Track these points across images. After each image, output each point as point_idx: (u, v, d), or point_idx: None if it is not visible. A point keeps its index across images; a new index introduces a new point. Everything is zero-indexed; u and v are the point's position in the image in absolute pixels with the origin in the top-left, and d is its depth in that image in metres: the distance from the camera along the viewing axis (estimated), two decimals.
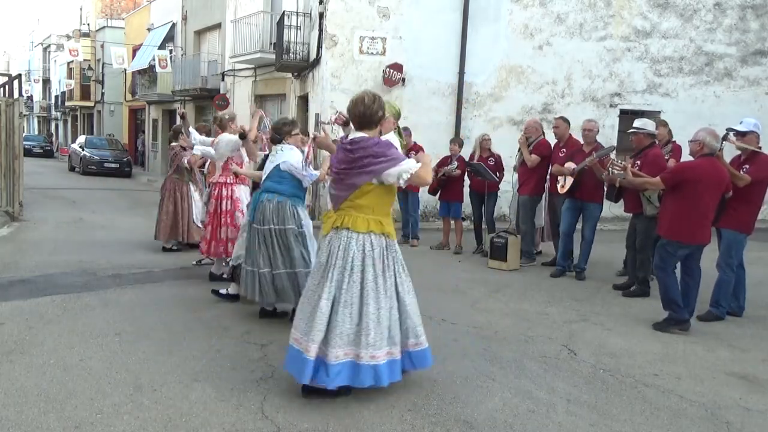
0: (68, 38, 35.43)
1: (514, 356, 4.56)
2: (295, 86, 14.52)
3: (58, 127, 46.89)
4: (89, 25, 36.43)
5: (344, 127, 4.94)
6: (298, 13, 13.45)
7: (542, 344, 4.88)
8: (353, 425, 3.36)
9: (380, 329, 3.54)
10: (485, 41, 12.12)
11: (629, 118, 11.09)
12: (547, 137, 8.18)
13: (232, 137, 6.27)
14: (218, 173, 6.50)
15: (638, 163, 6.44)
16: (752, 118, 6.11)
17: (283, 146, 5.02)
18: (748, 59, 13.49)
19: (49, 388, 3.66)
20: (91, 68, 33.86)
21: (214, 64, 20.24)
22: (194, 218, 8.12)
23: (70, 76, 37.14)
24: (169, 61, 22.10)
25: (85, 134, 31.59)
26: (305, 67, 13.27)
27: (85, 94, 36.36)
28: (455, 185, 8.83)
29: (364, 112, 3.61)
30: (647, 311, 5.64)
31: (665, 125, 7.76)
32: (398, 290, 3.69)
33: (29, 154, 26.84)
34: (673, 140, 7.79)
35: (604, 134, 11.37)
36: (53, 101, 45.16)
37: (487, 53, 12.16)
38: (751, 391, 4.12)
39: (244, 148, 6.23)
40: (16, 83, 11.78)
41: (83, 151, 23.98)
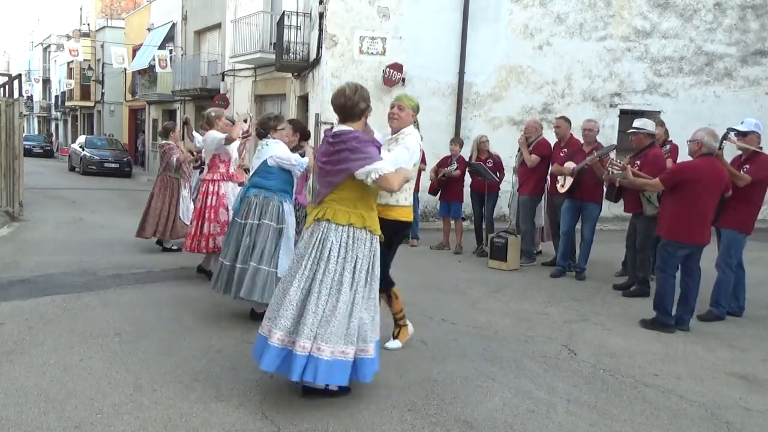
0: (68, 38, 35.45)
1: (514, 356, 4.56)
2: (295, 86, 14.53)
3: (58, 127, 46.89)
4: (89, 25, 36.45)
5: None
6: (298, 13, 13.45)
7: (542, 344, 4.88)
8: (353, 425, 3.36)
9: (339, 323, 3.40)
10: (485, 41, 12.12)
11: (629, 118, 11.09)
12: (547, 137, 8.18)
13: (217, 135, 6.31)
14: (206, 170, 6.57)
15: (638, 163, 6.45)
16: (753, 118, 6.12)
17: (268, 141, 5.03)
18: (748, 59, 13.49)
19: (49, 388, 3.66)
20: (91, 68, 33.87)
21: (214, 64, 20.25)
22: (180, 215, 8.12)
23: (70, 76, 37.15)
24: (169, 61, 22.11)
25: (85, 134, 31.60)
26: (305, 67, 13.27)
27: (85, 94, 36.38)
28: (455, 185, 8.83)
29: (344, 103, 3.55)
30: (647, 311, 5.64)
31: (662, 125, 7.76)
32: (356, 287, 3.51)
33: (29, 154, 26.85)
34: (669, 140, 7.80)
35: (604, 134, 11.37)
36: (53, 101, 45.18)
37: (487, 53, 12.17)
38: (751, 391, 4.12)
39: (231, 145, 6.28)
40: (16, 83, 11.76)
41: (83, 151, 23.98)
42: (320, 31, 11.86)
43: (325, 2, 11.62)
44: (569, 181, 7.25)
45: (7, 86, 12.06)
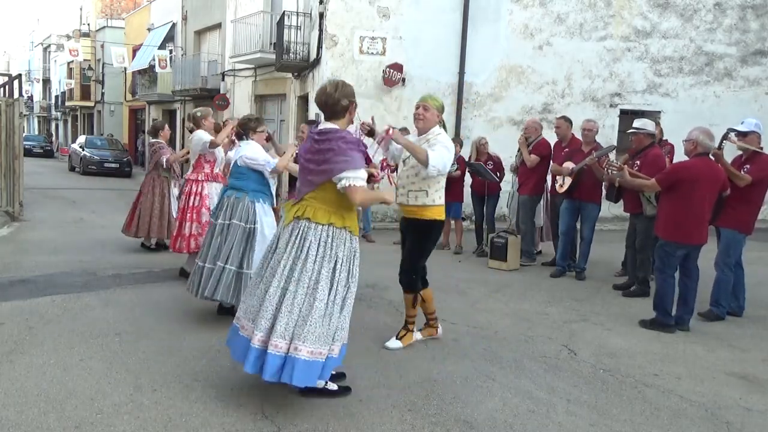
0: (68, 38, 35.45)
1: (514, 356, 4.56)
2: (295, 86, 14.52)
3: (58, 127, 46.89)
4: (89, 25, 36.46)
5: (369, 136, 4.83)
6: (298, 13, 13.45)
7: (542, 344, 4.88)
8: (353, 425, 3.36)
9: (316, 323, 3.35)
10: (485, 41, 12.12)
11: (629, 118, 11.10)
12: (547, 137, 8.18)
13: (203, 136, 6.34)
14: (190, 170, 6.60)
15: (638, 163, 6.45)
16: (753, 118, 6.12)
17: (241, 142, 5.05)
18: (748, 59, 13.49)
19: (49, 388, 3.66)
20: (91, 68, 33.88)
21: (214, 64, 20.25)
22: (174, 214, 8.13)
23: (70, 76, 37.16)
24: (169, 61, 22.11)
25: (85, 134, 31.60)
26: (305, 67, 13.27)
27: (85, 94, 36.39)
28: (455, 185, 8.81)
29: (325, 100, 3.50)
30: (647, 311, 5.64)
31: (657, 124, 7.78)
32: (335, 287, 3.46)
33: (29, 154, 26.84)
34: (665, 139, 7.81)
35: (604, 134, 11.39)
36: (53, 101, 45.19)
37: (487, 53, 12.16)
38: (751, 391, 4.12)
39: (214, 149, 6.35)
40: (16, 83, 11.75)
41: (83, 151, 23.97)
42: (320, 31, 11.86)
43: (325, 2, 11.62)
44: (568, 181, 7.25)
45: (7, 86, 12.06)
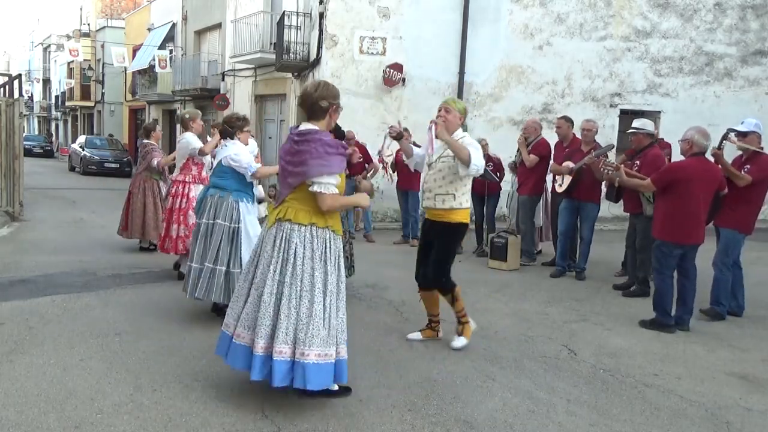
0: (68, 38, 35.46)
1: (514, 356, 4.56)
2: (295, 86, 14.52)
3: (58, 127, 46.89)
4: (89, 25, 36.47)
5: (397, 140, 4.77)
6: (298, 13, 13.45)
7: (542, 344, 4.88)
8: (353, 425, 3.36)
9: (318, 325, 3.34)
10: (485, 41, 12.12)
11: (629, 118, 11.09)
12: (547, 137, 8.18)
13: (192, 141, 6.39)
14: (177, 171, 6.62)
15: (638, 163, 6.45)
16: (753, 118, 6.12)
17: (226, 141, 5.05)
18: (748, 59, 13.49)
19: (49, 388, 3.66)
20: (91, 68, 33.88)
21: (214, 64, 20.24)
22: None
23: (70, 76, 37.15)
24: (169, 61, 22.11)
25: (85, 134, 31.59)
26: (305, 67, 13.27)
27: (85, 94, 36.39)
28: None
29: (305, 100, 3.48)
30: (647, 311, 5.63)
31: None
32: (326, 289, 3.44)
33: (29, 154, 26.83)
34: (661, 138, 7.82)
35: (604, 134, 11.39)
36: (53, 101, 45.19)
37: (487, 53, 12.17)
38: (751, 391, 4.12)
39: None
40: (16, 83, 11.75)
41: (83, 151, 23.97)
42: (320, 31, 11.86)
43: (325, 2, 11.62)
44: (567, 180, 7.25)
45: (7, 86, 12.06)
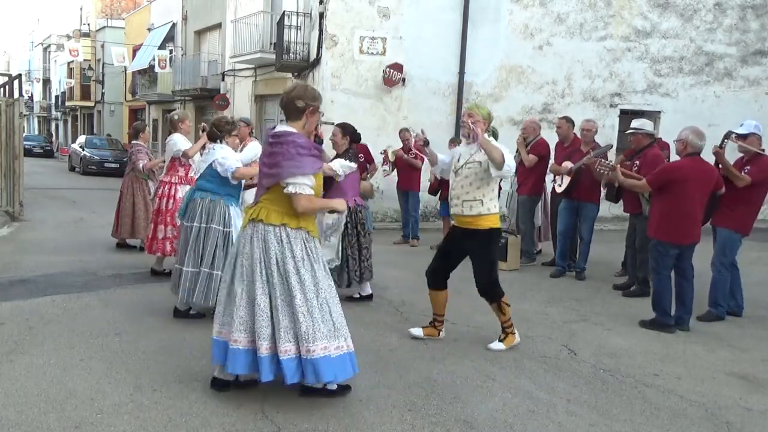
0: (68, 38, 35.47)
1: (514, 356, 4.56)
2: None
3: (58, 127, 46.89)
4: (89, 25, 36.49)
5: (425, 148, 4.77)
6: (298, 13, 13.44)
7: (542, 344, 4.88)
8: (353, 425, 3.36)
9: (318, 320, 3.36)
10: (485, 41, 12.12)
11: (629, 118, 11.07)
12: (547, 137, 8.18)
13: (178, 143, 6.41)
14: (164, 172, 6.64)
15: (637, 163, 6.45)
16: (752, 120, 6.11)
17: (215, 145, 5.04)
18: (748, 59, 13.49)
19: (49, 388, 3.66)
20: (91, 68, 33.90)
21: (214, 64, 20.24)
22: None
23: (70, 76, 37.17)
24: (169, 61, 22.11)
25: (85, 134, 31.57)
26: (305, 67, 13.26)
27: (85, 94, 36.41)
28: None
29: (281, 99, 3.49)
30: (647, 311, 5.63)
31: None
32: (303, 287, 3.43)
33: (29, 154, 26.81)
34: (659, 137, 7.82)
35: (604, 134, 11.38)
36: (53, 101, 45.19)
37: (487, 53, 12.16)
38: (751, 391, 4.12)
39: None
40: (16, 83, 11.74)
41: (83, 151, 23.96)
42: (320, 31, 11.85)
43: (325, 2, 11.61)
44: (566, 180, 7.25)
45: (7, 86, 12.05)
